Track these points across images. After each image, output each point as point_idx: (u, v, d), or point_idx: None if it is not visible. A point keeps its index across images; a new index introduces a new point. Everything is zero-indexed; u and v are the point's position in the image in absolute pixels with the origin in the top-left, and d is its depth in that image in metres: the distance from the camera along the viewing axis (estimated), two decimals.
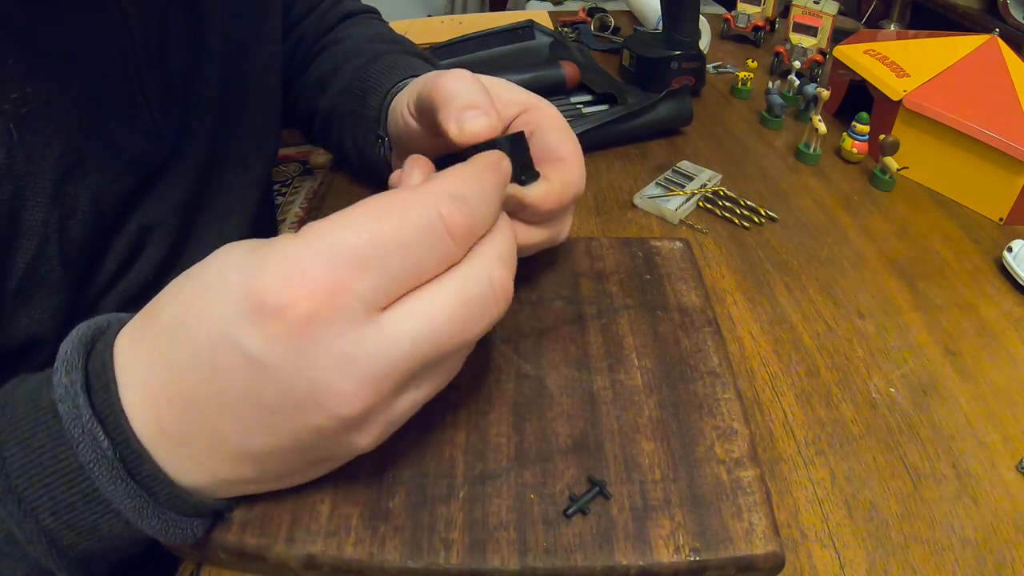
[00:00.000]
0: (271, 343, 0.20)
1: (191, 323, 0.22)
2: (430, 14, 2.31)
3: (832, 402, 0.41)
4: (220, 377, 0.21)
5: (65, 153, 0.32)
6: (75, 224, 0.33)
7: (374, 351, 0.21)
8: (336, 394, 0.21)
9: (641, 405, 0.32)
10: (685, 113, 0.69)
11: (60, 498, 0.22)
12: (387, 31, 0.59)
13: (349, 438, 0.23)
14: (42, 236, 0.31)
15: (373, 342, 0.21)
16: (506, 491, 0.28)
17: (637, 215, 0.58)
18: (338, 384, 0.21)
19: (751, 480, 0.30)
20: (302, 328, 0.20)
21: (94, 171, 0.34)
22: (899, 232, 0.58)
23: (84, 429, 0.22)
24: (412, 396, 0.24)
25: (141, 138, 0.37)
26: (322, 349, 0.20)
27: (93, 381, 0.23)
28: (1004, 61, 0.64)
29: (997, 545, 0.34)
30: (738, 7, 0.97)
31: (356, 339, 0.21)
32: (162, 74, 0.38)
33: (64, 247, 0.33)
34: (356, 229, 0.21)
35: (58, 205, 0.32)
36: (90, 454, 0.22)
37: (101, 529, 0.23)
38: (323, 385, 0.21)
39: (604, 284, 0.40)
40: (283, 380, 0.21)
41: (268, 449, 0.23)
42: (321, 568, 0.26)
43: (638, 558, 0.26)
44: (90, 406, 0.22)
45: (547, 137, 0.35)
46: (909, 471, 0.38)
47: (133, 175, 0.36)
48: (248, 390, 0.21)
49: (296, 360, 0.21)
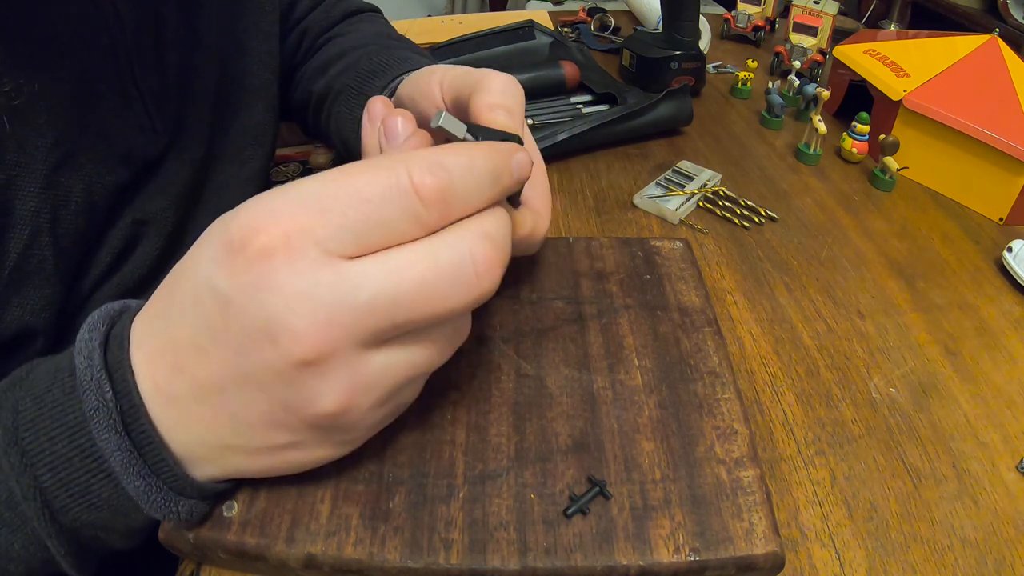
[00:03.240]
0: (234, 276, 0.21)
1: (181, 275, 0.24)
2: (430, 14, 2.31)
3: (832, 402, 0.41)
4: (198, 320, 0.23)
5: (57, 144, 0.32)
6: (68, 215, 0.33)
7: (328, 293, 0.21)
8: (288, 330, 0.21)
9: (641, 405, 0.32)
10: (685, 113, 0.69)
11: (60, 452, 0.24)
12: (391, 30, 0.59)
13: (308, 385, 0.22)
14: (34, 226, 0.32)
15: (328, 284, 0.21)
16: (506, 491, 0.28)
17: (637, 215, 0.58)
18: (290, 320, 0.21)
19: (751, 480, 0.30)
20: (261, 261, 0.21)
21: (87, 163, 0.34)
22: (899, 232, 0.58)
23: (93, 377, 0.23)
24: (383, 359, 0.23)
25: (135, 131, 0.37)
26: (278, 283, 0.21)
27: (111, 341, 0.24)
28: (1004, 61, 0.64)
29: (997, 545, 0.34)
30: (738, 7, 0.97)
31: (312, 279, 0.21)
32: (157, 69, 0.38)
33: (57, 238, 0.33)
34: (324, 179, 0.22)
35: (50, 195, 0.32)
36: (93, 402, 0.23)
37: (92, 491, 0.24)
38: (277, 320, 0.21)
39: (604, 284, 0.40)
40: (243, 314, 0.22)
41: (236, 396, 0.23)
42: (321, 568, 0.26)
43: (638, 558, 0.26)
44: (103, 360, 0.24)
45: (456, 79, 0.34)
46: (909, 471, 0.38)
47: (127, 168, 0.37)
48: (217, 328, 0.22)
49: (254, 293, 0.21)
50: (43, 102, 0.32)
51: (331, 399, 0.23)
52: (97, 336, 0.24)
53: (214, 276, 0.22)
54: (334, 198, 0.22)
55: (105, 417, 0.23)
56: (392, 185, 0.22)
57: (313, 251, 0.21)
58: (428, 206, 0.22)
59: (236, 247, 0.21)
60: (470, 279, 0.23)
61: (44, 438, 0.23)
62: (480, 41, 0.84)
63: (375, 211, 0.22)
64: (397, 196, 0.22)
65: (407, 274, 0.22)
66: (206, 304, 0.22)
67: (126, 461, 0.23)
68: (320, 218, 0.21)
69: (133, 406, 0.24)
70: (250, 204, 0.22)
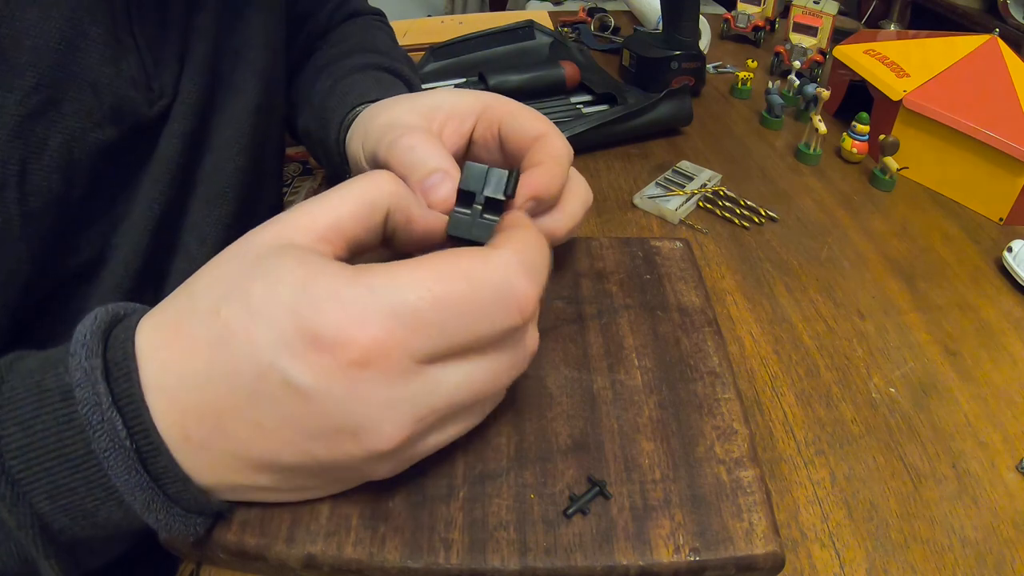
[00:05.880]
0: (320, 376, 0.21)
1: (233, 346, 0.22)
2: (430, 14, 2.31)
3: (832, 402, 0.41)
4: (261, 401, 0.22)
5: (37, 88, 0.30)
6: (39, 169, 0.30)
7: (416, 398, 0.22)
8: (376, 433, 0.22)
9: (641, 405, 0.32)
10: (685, 113, 0.69)
11: (61, 483, 0.22)
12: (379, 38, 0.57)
13: (371, 467, 0.24)
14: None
15: (417, 390, 0.22)
16: (506, 491, 0.28)
17: (637, 215, 0.58)
18: (380, 424, 0.22)
19: (751, 480, 0.30)
20: (353, 370, 0.21)
21: (69, 114, 0.31)
22: (899, 232, 0.58)
23: (103, 416, 0.22)
24: (437, 437, 0.25)
25: (126, 85, 0.34)
26: (369, 391, 0.21)
27: (112, 369, 0.22)
28: (1004, 61, 0.64)
29: (997, 545, 0.34)
30: (738, 7, 0.97)
31: (403, 387, 0.22)
32: (157, 22, 0.36)
33: (24, 196, 0.30)
34: (420, 290, 0.21)
35: (19, 145, 0.29)
36: (106, 442, 0.22)
37: (99, 516, 0.23)
38: (365, 424, 0.22)
39: (604, 284, 0.40)
40: (326, 413, 0.21)
41: (292, 466, 0.23)
42: (321, 568, 0.26)
43: (638, 558, 0.26)
44: (110, 394, 0.22)
45: (515, 124, 0.34)
46: (909, 471, 0.38)
47: (115, 126, 0.34)
48: (289, 417, 0.22)
49: (342, 396, 0.21)
50: (28, 39, 0.29)
51: (383, 473, 0.25)
52: (98, 363, 0.22)
53: (290, 368, 0.21)
54: (433, 312, 0.21)
55: (122, 458, 0.22)
56: (495, 298, 0.22)
57: (403, 363, 0.21)
58: (525, 316, 0.23)
59: (322, 347, 0.21)
60: (521, 363, 0.25)
61: (38, 468, 0.22)
62: (480, 41, 0.84)
63: (475, 326, 0.22)
64: (502, 311, 0.22)
65: (483, 374, 0.24)
66: (274, 389, 0.21)
67: (148, 499, 0.23)
68: (413, 331, 0.21)
69: (153, 446, 0.22)
70: (334, 304, 0.21)
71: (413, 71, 0.53)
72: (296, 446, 0.22)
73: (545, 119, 0.34)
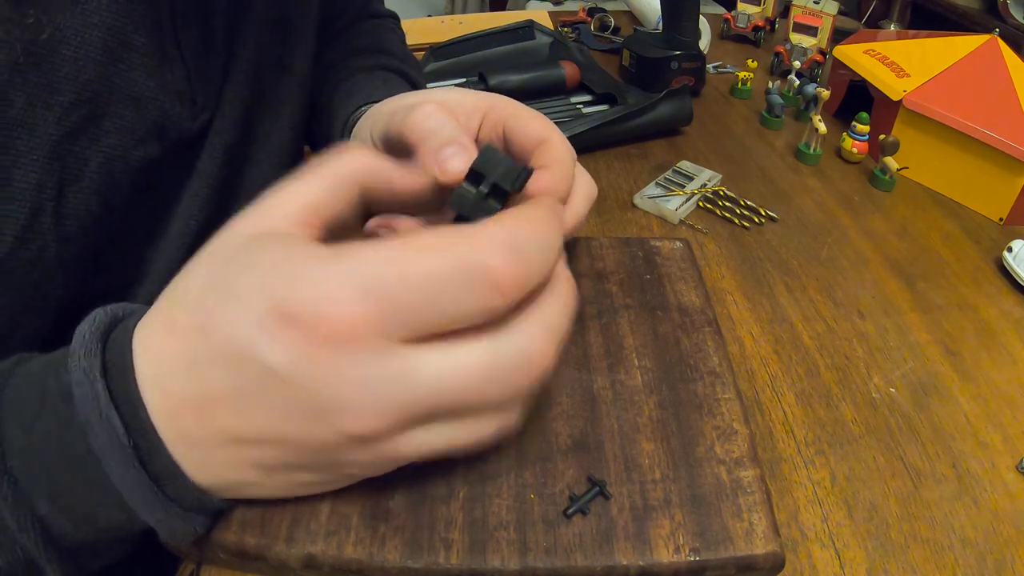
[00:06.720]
0: (291, 353, 0.21)
1: (214, 330, 0.22)
2: (430, 14, 2.31)
3: (832, 402, 0.41)
4: (239, 382, 0.22)
5: (76, 104, 0.28)
6: (78, 193, 0.29)
7: (389, 383, 0.21)
8: (350, 413, 0.21)
9: (641, 405, 0.32)
10: (685, 113, 0.69)
11: (61, 483, 0.22)
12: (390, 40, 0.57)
13: (349, 453, 0.23)
14: (34, 204, 0.27)
15: (390, 375, 0.21)
16: (506, 491, 0.28)
17: (637, 215, 0.58)
18: (353, 405, 0.21)
19: (751, 480, 0.30)
20: (326, 346, 0.20)
21: (112, 131, 0.29)
22: (899, 232, 0.58)
23: (102, 415, 0.22)
24: (418, 439, 0.23)
25: (171, 99, 0.33)
26: (342, 369, 0.21)
27: (111, 368, 0.22)
28: (1004, 61, 0.64)
29: (997, 545, 0.34)
30: (738, 7, 0.97)
31: (374, 369, 0.21)
32: (202, 31, 0.34)
33: (61, 219, 0.28)
34: (393, 266, 0.21)
35: (57, 167, 0.28)
36: (104, 439, 0.22)
37: (99, 518, 0.23)
38: (339, 403, 0.21)
39: (604, 284, 0.40)
40: (300, 391, 0.21)
41: (273, 453, 0.23)
42: (321, 568, 0.26)
43: (638, 558, 0.26)
44: (107, 392, 0.22)
45: (519, 126, 0.34)
46: (909, 471, 0.38)
47: (158, 142, 0.32)
48: (264, 397, 0.21)
49: (315, 374, 0.21)
50: (68, 48, 0.27)
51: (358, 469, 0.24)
52: (96, 362, 0.22)
53: (264, 346, 0.21)
54: (402, 285, 0.20)
55: (120, 455, 0.22)
56: (468, 273, 0.21)
57: (377, 341, 0.21)
58: (506, 296, 0.21)
59: (294, 324, 0.20)
60: (522, 376, 0.23)
61: (39, 468, 0.22)
62: (480, 41, 0.84)
63: (448, 302, 0.21)
64: (474, 286, 0.21)
65: (466, 369, 0.22)
66: (250, 370, 0.21)
67: (146, 497, 0.23)
68: (386, 307, 0.20)
69: (151, 444, 0.22)
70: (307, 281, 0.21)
71: (421, 75, 0.53)
72: (273, 429, 0.22)
73: (548, 122, 0.34)
